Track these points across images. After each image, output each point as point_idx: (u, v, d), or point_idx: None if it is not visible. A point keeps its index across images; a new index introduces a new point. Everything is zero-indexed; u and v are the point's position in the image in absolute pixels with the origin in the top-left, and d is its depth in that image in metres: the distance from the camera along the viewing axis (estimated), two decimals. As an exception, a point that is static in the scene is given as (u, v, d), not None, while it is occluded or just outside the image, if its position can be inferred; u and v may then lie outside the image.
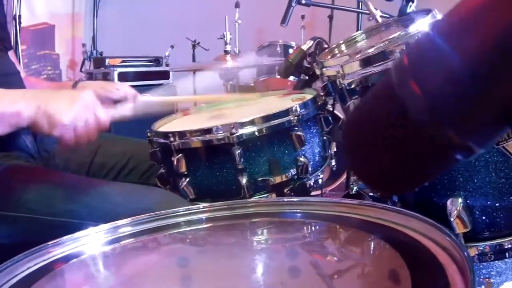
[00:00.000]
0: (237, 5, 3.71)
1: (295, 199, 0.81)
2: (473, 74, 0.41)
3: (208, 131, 1.20)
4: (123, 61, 4.07)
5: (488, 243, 0.98)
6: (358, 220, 0.73)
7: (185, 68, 3.32)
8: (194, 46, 4.27)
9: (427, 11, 1.35)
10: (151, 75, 4.06)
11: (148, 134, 1.37)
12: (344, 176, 2.53)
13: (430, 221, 0.66)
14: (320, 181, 1.33)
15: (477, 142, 0.45)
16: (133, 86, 1.55)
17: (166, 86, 3.94)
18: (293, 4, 2.01)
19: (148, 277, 0.69)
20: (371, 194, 1.47)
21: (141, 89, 1.61)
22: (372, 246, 0.72)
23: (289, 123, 1.21)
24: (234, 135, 1.16)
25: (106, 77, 3.92)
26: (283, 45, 3.55)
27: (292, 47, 3.53)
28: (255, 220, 0.83)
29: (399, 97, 0.45)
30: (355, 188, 1.49)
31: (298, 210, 0.80)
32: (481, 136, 0.45)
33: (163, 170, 1.36)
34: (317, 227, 0.79)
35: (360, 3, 2.33)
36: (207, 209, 0.86)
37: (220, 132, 1.19)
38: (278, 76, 3.39)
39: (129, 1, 4.99)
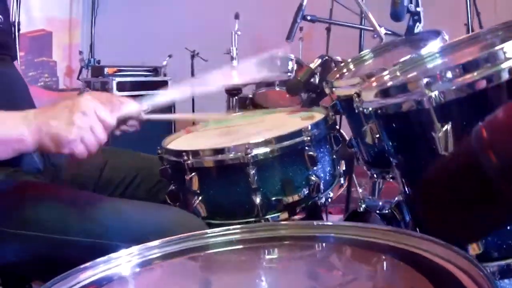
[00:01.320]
0: (236, 17, 3.73)
1: (327, 223, 0.83)
2: None
3: (222, 150, 1.21)
4: (119, 70, 4.06)
5: (497, 263, 0.99)
6: (387, 245, 0.75)
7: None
8: (193, 57, 4.29)
9: (437, 33, 1.38)
10: (149, 85, 4.06)
11: (159, 151, 1.38)
12: (344, 188, 2.54)
13: (452, 247, 0.68)
14: (330, 199, 1.35)
15: None
16: (131, 96, 1.55)
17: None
18: (298, 20, 2.03)
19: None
20: (378, 212, 1.48)
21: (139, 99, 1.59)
22: (399, 270, 0.73)
23: (303, 143, 1.23)
24: (249, 155, 1.17)
25: (104, 86, 3.92)
26: (283, 57, 3.56)
27: (291, 59, 3.54)
28: (287, 242, 0.84)
29: (478, 161, 0.51)
30: (363, 206, 1.50)
31: (331, 234, 0.81)
32: None
33: (173, 187, 1.36)
34: (348, 251, 0.80)
35: (363, 19, 2.36)
36: (237, 230, 0.87)
37: (234, 152, 1.20)
38: (277, 89, 3.42)
39: (128, 9, 5.00)
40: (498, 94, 0.74)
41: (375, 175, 1.54)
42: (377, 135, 0.98)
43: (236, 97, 2.61)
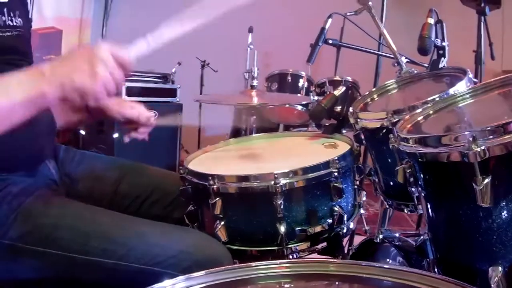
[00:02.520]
0: (250, 30, 3.74)
1: (374, 264, 0.83)
2: None
3: (249, 178, 1.22)
4: (128, 75, 4.07)
5: None
6: None
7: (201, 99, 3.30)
8: (203, 66, 4.30)
9: (462, 71, 1.39)
10: (158, 91, 4.06)
11: (181, 171, 1.38)
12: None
13: None
14: (350, 230, 1.36)
15: None
16: (140, 102, 1.56)
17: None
18: (320, 43, 2.05)
19: None
20: (396, 243, 1.49)
21: (148, 105, 1.58)
22: None
23: (330, 175, 1.24)
24: (277, 185, 1.18)
25: (114, 90, 3.93)
26: (293, 74, 3.57)
27: (302, 76, 3.56)
28: (333, 280, 0.85)
29: None
30: (380, 236, 1.51)
31: (376, 276, 0.81)
32: None
33: (192, 208, 1.37)
34: None
35: (381, 45, 2.38)
36: (284, 264, 0.88)
37: (262, 180, 1.20)
38: (287, 106, 3.43)
39: (140, 13, 5.00)
40: None
41: (392, 205, 1.54)
42: (411, 177, 0.98)
43: (254, 117, 2.62)
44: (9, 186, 1.27)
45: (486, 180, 0.78)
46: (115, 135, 3.67)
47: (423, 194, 0.99)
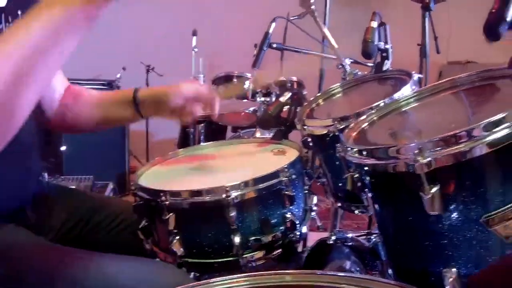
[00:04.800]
0: (194, 33, 3.74)
1: (329, 272, 0.84)
2: None
3: (201, 192, 1.22)
4: (73, 83, 3.98)
5: None
6: None
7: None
8: (148, 71, 4.26)
9: (406, 73, 1.44)
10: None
11: (133, 187, 1.37)
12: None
13: None
14: (303, 235, 1.38)
15: None
16: None
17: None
18: (265, 48, 2.07)
19: None
20: (350, 244, 1.52)
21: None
22: None
23: (280, 183, 1.26)
24: (229, 198, 1.18)
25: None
26: (239, 76, 3.59)
27: (248, 78, 3.58)
28: None
29: None
30: (333, 237, 1.55)
31: (333, 284, 0.83)
32: None
33: (146, 223, 1.36)
34: None
35: (325, 47, 2.42)
36: (242, 279, 0.88)
37: (213, 194, 1.21)
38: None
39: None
40: (478, 163, 0.81)
41: (343, 207, 1.58)
42: (359, 184, 1.01)
43: (202, 124, 2.61)
44: None
45: (434, 189, 0.82)
46: (63, 148, 3.60)
47: (372, 201, 1.02)
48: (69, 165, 3.52)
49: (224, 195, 1.19)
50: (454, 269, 0.91)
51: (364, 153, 0.92)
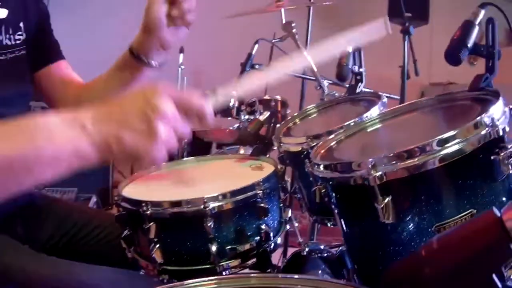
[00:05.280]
0: (181, 50, 3.84)
1: (291, 275, 0.94)
2: None
3: (180, 203, 1.30)
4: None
5: None
6: None
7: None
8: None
9: (377, 95, 1.54)
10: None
11: (116, 197, 1.44)
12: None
13: None
14: (277, 245, 1.46)
15: None
16: None
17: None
18: (247, 68, 2.17)
19: None
20: (321, 255, 1.61)
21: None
22: None
23: (255, 196, 1.34)
24: (207, 209, 1.26)
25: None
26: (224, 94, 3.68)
27: (232, 96, 3.67)
28: None
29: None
30: (306, 249, 1.63)
31: (295, 286, 0.92)
32: None
33: (128, 232, 1.43)
34: None
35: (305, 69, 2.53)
36: (213, 281, 0.97)
37: (192, 205, 1.29)
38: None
39: (64, 35, 4.97)
40: (431, 175, 0.90)
41: (316, 220, 1.66)
42: (326, 197, 1.10)
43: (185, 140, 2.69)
44: None
45: (386, 200, 0.91)
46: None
47: (336, 212, 1.11)
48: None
49: (202, 206, 1.27)
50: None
51: (329, 167, 1.01)
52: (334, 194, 1.06)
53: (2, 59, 1.34)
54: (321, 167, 1.04)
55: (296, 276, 0.95)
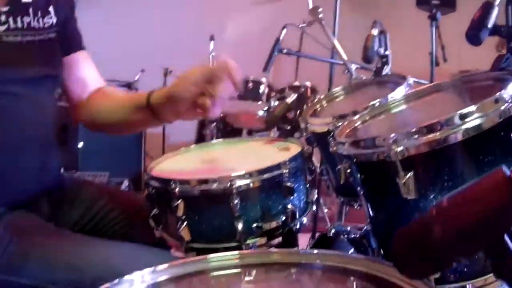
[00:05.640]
0: (212, 38, 3.87)
1: (311, 251, 0.96)
2: None
3: (208, 181, 1.33)
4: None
5: (453, 285, 1.10)
6: (361, 272, 0.91)
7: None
8: (166, 74, 4.39)
9: (402, 77, 1.53)
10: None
11: (145, 177, 1.48)
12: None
13: None
14: (303, 225, 1.48)
15: None
16: None
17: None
18: (275, 53, 2.18)
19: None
20: (347, 236, 1.62)
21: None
22: None
23: (281, 175, 1.35)
24: (233, 187, 1.29)
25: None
26: (254, 81, 3.70)
27: (262, 83, 3.69)
28: (275, 267, 1.00)
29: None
30: (332, 230, 1.64)
31: (315, 261, 0.97)
32: None
33: (156, 211, 1.47)
34: (326, 276, 0.95)
35: (333, 53, 2.53)
36: (235, 256, 1.02)
37: (219, 182, 1.31)
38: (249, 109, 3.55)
39: (102, 22, 5.05)
40: (452, 151, 0.91)
41: (343, 202, 1.68)
42: (350, 176, 1.11)
43: (213, 124, 2.73)
44: None
45: (408, 175, 0.92)
46: (80, 145, 3.72)
47: (360, 191, 1.12)
48: (85, 162, 3.64)
49: (229, 184, 1.30)
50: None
51: (353, 144, 1.02)
52: (358, 172, 1.06)
53: (29, 40, 1.37)
54: (346, 144, 1.05)
55: (315, 251, 0.97)
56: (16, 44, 1.34)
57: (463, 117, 0.88)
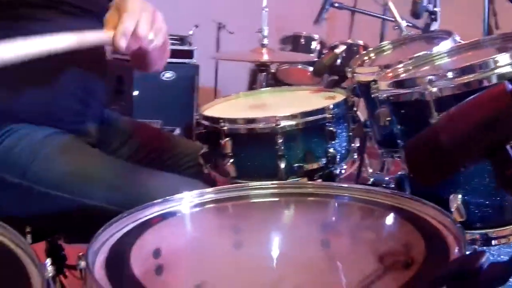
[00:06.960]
0: (265, -7, 3.88)
1: (343, 184, 1.04)
2: None
3: (255, 120, 1.42)
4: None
5: (478, 231, 1.17)
6: (390, 205, 0.97)
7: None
8: (219, 29, 4.46)
9: (448, 33, 1.56)
10: (175, 53, 4.22)
11: (197, 116, 1.58)
12: (355, 166, 2.75)
13: (437, 207, 0.90)
14: (344, 171, 1.56)
15: None
16: None
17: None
18: (327, 6, 2.21)
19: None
20: (384, 186, 1.68)
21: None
22: (398, 225, 0.97)
23: (324, 119, 1.43)
24: (278, 127, 1.37)
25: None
26: (307, 36, 3.73)
27: (315, 39, 3.71)
28: (311, 198, 1.09)
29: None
30: (371, 180, 1.71)
31: (345, 194, 1.04)
32: None
33: (206, 150, 1.57)
34: (358, 207, 1.03)
35: (385, 10, 2.54)
36: (274, 185, 1.10)
37: (266, 122, 1.40)
38: (300, 66, 3.60)
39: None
40: None
41: (384, 154, 1.73)
42: (388, 118, 1.17)
43: (264, 73, 2.79)
44: (35, 133, 1.37)
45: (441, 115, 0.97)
46: (135, 93, 3.86)
47: (397, 134, 1.18)
48: (140, 110, 3.78)
49: (274, 124, 1.38)
50: (459, 195, 1.06)
51: (390, 85, 1.08)
52: (395, 115, 1.12)
53: None
54: (384, 84, 1.11)
55: (345, 185, 1.05)
56: None
57: (497, 62, 0.92)
